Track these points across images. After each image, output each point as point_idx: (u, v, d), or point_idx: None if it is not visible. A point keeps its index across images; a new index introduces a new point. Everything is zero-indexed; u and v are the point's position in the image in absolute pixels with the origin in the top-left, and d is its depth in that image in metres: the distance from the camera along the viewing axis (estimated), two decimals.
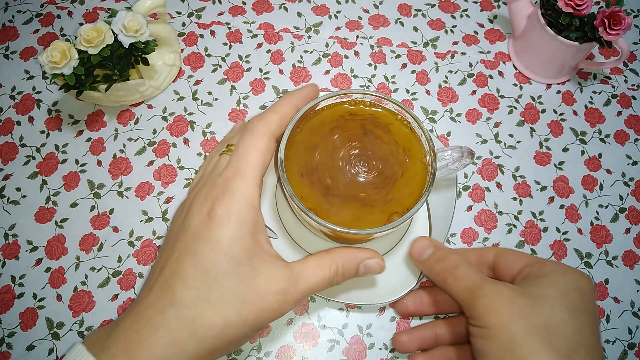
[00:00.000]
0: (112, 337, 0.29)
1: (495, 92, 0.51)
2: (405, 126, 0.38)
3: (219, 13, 0.54)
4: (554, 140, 0.49)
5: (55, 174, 0.46)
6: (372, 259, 0.35)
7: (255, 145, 0.33)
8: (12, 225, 0.44)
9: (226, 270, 0.30)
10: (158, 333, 0.29)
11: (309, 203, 0.35)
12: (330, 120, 0.38)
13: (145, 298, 0.31)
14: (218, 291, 0.30)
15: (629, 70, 0.54)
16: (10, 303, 0.41)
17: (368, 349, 0.41)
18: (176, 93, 0.50)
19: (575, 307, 0.31)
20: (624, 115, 0.51)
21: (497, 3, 0.56)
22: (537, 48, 0.49)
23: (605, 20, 0.44)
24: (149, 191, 0.45)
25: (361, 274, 0.35)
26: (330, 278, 0.33)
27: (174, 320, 0.29)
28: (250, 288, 0.30)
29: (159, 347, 0.28)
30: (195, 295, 0.30)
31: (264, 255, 0.32)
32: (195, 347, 0.29)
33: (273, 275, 0.31)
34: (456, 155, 0.38)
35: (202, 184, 0.34)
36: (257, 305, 0.30)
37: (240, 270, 0.30)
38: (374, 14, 0.55)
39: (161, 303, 0.30)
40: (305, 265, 0.33)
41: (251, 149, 0.33)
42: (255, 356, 0.40)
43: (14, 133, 0.47)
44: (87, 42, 0.39)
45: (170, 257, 0.31)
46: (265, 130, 0.34)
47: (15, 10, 0.53)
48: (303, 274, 0.33)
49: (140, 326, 0.29)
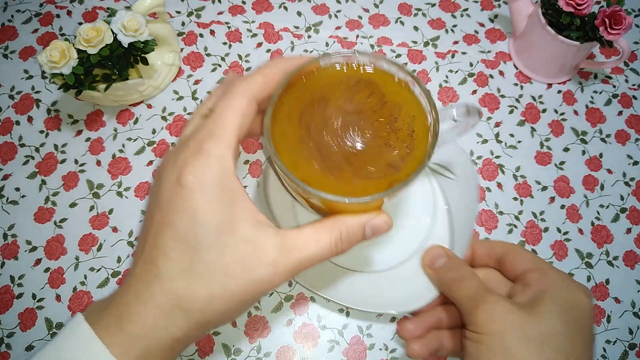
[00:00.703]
0: (106, 310, 0.29)
1: (495, 91, 0.51)
2: (404, 88, 0.35)
3: (219, 12, 0.54)
4: (555, 140, 0.49)
5: (54, 174, 0.46)
6: (378, 217, 0.32)
7: (233, 107, 0.31)
8: (11, 225, 0.44)
9: (207, 241, 0.28)
10: (146, 306, 0.28)
11: (301, 174, 0.32)
12: (322, 84, 0.35)
13: (133, 271, 0.30)
14: (201, 263, 0.28)
15: (630, 70, 0.53)
16: (9, 303, 0.41)
17: (368, 350, 0.41)
18: (176, 92, 0.49)
19: (572, 323, 0.31)
20: (624, 115, 0.51)
21: (497, 2, 0.56)
22: (537, 47, 0.49)
23: (606, 19, 0.44)
24: (148, 191, 0.45)
25: (368, 237, 0.33)
26: (331, 245, 0.31)
27: (160, 293, 0.28)
28: (234, 259, 0.28)
29: (148, 320, 0.28)
30: (178, 267, 0.28)
31: (250, 222, 0.29)
32: (184, 320, 0.28)
33: (262, 243, 0.29)
34: (461, 113, 0.35)
35: (176, 147, 0.32)
36: (244, 277, 0.28)
37: (222, 239, 0.28)
38: (374, 13, 0.54)
39: (147, 276, 0.29)
40: (300, 232, 0.30)
41: (229, 110, 0.31)
42: (255, 356, 0.40)
43: (13, 133, 0.47)
44: (86, 42, 0.39)
45: (150, 230, 0.30)
46: (247, 92, 0.31)
47: (14, 10, 0.53)
48: (298, 241, 0.30)
49: (130, 300, 0.28)
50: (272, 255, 0.29)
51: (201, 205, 0.28)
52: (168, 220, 0.29)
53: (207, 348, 0.40)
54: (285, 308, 0.42)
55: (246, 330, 0.41)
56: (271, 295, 0.42)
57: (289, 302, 0.42)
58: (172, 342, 0.29)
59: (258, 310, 0.41)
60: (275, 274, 0.29)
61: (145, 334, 0.28)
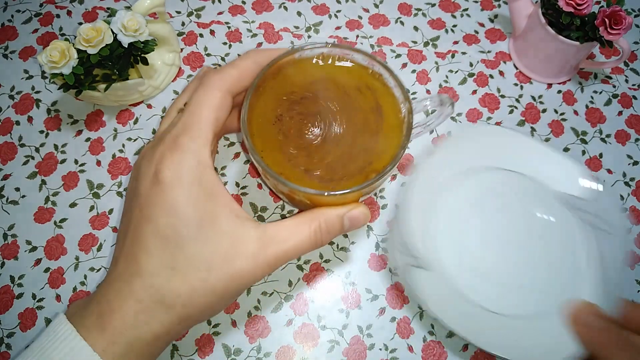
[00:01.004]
0: (87, 309, 0.29)
1: (495, 91, 0.51)
2: (377, 79, 0.35)
3: (219, 12, 0.54)
4: (555, 140, 0.49)
5: (54, 174, 0.46)
6: (356, 209, 0.32)
7: (208, 101, 0.31)
8: (11, 225, 0.44)
9: (186, 235, 0.28)
10: (127, 303, 0.28)
11: (278, 168, 0.32)
12: (297, 77, 0.35)
13: (113, 269, 0.30)
14: (181, 257, 0.28)
15: (630, 70, 0.53)
16: (9, 303, 0.41)
17: (368, 350, 0.41)
18: (176, 93, 0.49)
19: None
20: (624, 115, 0.51)
21: (497, 2, 0.56)
22: (537, 48, 0.49)
23: (606, 19, 0.44)
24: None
25: (347, 229, 0.33)
26: (311, 237, 0.31)
27: (141, 289, 0.28)
28: (215, 252, 0.28)
29: (129, 316, 0.28)
30: (158, 263, 0.28)
31: (229, 215, 0.29)
32: (166, 315, 0.28)
33: (242, 236, 0.29)
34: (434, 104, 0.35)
35: (152, 143, 0.32)
36: (224, 271, 0.28)
37: (202, 233, 0.28)
38: (374, 13, 0.54)
39: (128, 272, 0.29)
40: (280, 224, 0.31)
41: (203, 104, 0.31)
42: (255, 356, 0.40)
43: (13, 133, 0.47)
44: (86, 42, 0.39)
45: (129, 225, 0.30)
46: (221, 85, 0.31)
47: (14, 10, 0.53)
48: (278, 234, 0.30)
49: (111, 297, 0.29)
50: (252, 247, 0.29)
51: (179, 200, 0.28)
52: (147, 215, 0.29)
53: (207, 348, 0.40)
54: (285, 308, 0.42)
55: (246, 330, 0.41)
56: (271, 295, 0.42)
57: (288, 302, 0.42)
58: (154, 338, 0.29)
59: (258, 310, 0.41)
60: (256, 267, 0.29)
61: (127, 330, 0.28)
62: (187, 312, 0.29)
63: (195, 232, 0.28)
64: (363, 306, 0.42)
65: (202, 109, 0.31)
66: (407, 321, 0.42)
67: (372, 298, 0.42)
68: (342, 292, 0.42)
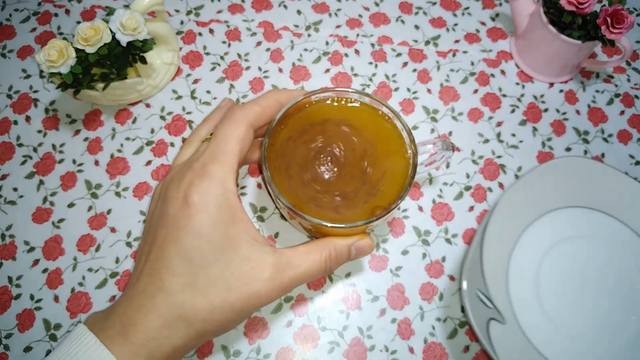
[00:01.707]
0: (108, 321, 0.31)
1: (497, 91, 0.51)
2: (387, 121, 0.38)
3: (218, 11, 0.53)
4: (557, 139, 0.49)
5: (52, 174, 0.45)
6: (362, 240, 0.36)
7: (234, 133, 0.34)
8: (9, 225, 0.44)
9: (210, 257, 0.31)
10: (149, 317, 0.30)
11: (292, 199, 0.35)
12: (313, 117, 0.38)
13: (135, 284, 0.32)
14: (204, 278, 0.30)
15: (632, 69, 0.53)
16: (7, 304, 0.41)
17: (368, 351, 0.40)
18: (174, 92, 0.49)
19: None
20: (627, 115, 0.51)
21: (498, 1, 0.56)
22: (539, 47, 0.48)
23: (608, 18, 0.43)
24: (147, 191, 0.45)
25: (353, 257, 0.36)
26: (321, 264, 0.34)
27: (163, 306, 0.30)
28: (235, 274, 0.31)
29: (152, 330, 0.30)
30: (182, 282, 0.30)
31: (250, 241, 0.32)
32: (185, 330, 0.30)
33: (260, 261, 0.32)
34: (437, 148, 0.38)
35: (179, 168, 0.34)
36: (243, 291, 0.31)
37: (224, 256, 0.31)
38: (374, 12, 0.54)
39: (151, 289, 0.31)
40: (294, 251, 0.33)
41: (230, 136, 0.34)
42: (254, 358, 0.40)
43: (11, 132, 0.47)
44: (84, 41, 0.39)
45: (154, 244, 0.32)
46: (245, 119, 0.34)
47: (12, 9, 0.52)
48: (292, 260, 0.33)
49: (133, 311, 0.30)
50: (268, 272, 0.31)
51: (205, 223, 0.31)
52: (174, 236, 0.31)
53: (206, 349, 0.40)
54: (285, 309, 0.41)
55: (246, 331, 0.40)
56: None
57: (288, 303, 0.42)
58: (173, 350, 0.31)
59: (258, 312, 0.41)
60: (272, 289, 0.32)
61: (149, 342, 0.30)
62: (206, 328, 0.31)
63: (218, 254, 0.31)
64: (363, 307, 0.42)
65: (229, 140, 0.33)
66: (407, 322, 0.41)
67: (372, 299, 0.42)
68: (342, 293, 0.42)
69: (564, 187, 0.42)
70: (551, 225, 0.42)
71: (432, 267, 0.43)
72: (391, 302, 0.42)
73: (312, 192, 0.36)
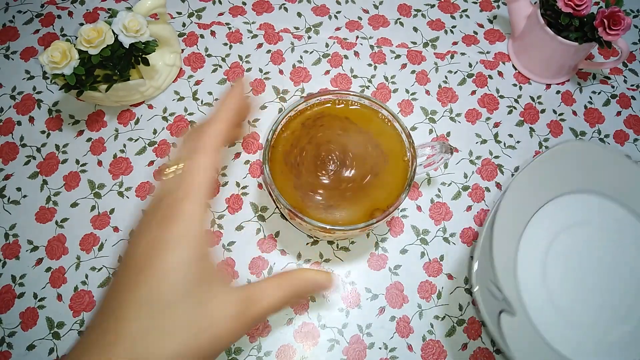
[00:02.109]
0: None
1: (494, 92, 0.51)
2: (386, 124, 0.39)
3: (219, 13, 0.54)
4: (554, 140, 0.49)
5: (55, 174, 0.46)
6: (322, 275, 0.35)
7: (202, 166, 0.32)
8: (12, 225, 0.44)
9: (176, 299, 0.29)
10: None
11: (292, 201, 0.36)
12: (312, 121, 0.39)
13: (95, 329, 0.30)
14: (169, 320, 0.29)
15: (629, 71, 0.54)
16: (10, 303, 0.41)
17: (368, 349, 0.41)
18: (176, 93, 0.50)
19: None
20: (623, 116, 0.51)
21: (496, 3, 0.56)
22: (536, 48, 0.49)
23: (605, 20, 0.44)
24: (149, 191, 0.46)
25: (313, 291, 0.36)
26: (284, 298, 0.33)
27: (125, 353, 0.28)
28: (202, 315, 0.30)
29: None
30: (145, 326, 0.29)
31: (215, 280, 0.31)
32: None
33: (226, 299, 0.31)
34: (436, 151, 0.39)
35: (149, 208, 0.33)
36: (210, 332, 0.30)
37: (190, 297, 0.30)
38: (373, 14, 0.55)
39: (111, 336, 0.29)
40: (258, 287, 0.33)
41: (198, 171, 0.32)
42: (255, 355, 0.40)
43: (15, 133, 0.47)
44: (87, 42, 0.39)
45: (119, 286, 0.31)
46: (213, 145, 0.33)
47: (15, 11, 0.53)
48: (257, 295, 0.32)
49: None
50: (235, 309, 0.31)
51: (174, 264, 0.30)
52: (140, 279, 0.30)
53: None
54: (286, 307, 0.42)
55: None
56: None
57: None
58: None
59: None
60: (239, 327, 0.31)
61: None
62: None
63: (185, 296, 0.30)
64: (363, 305, 0.42)
65: (198, 174, 0.32)
66: (406, 320, 0.42)
67: (371, 297, 0.42)
68: (342, 291, 0.43)
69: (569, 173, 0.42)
70: (558, 212, 0.42)
71: (431, 265, 0.44)
72: (390, 301, 0.42)
73: (312, 194, 0.37)
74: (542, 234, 0.41)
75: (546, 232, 0.41)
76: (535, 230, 0.41)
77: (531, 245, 0.41)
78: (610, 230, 0.42)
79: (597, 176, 0.42)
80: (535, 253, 0.41)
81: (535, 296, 0.39)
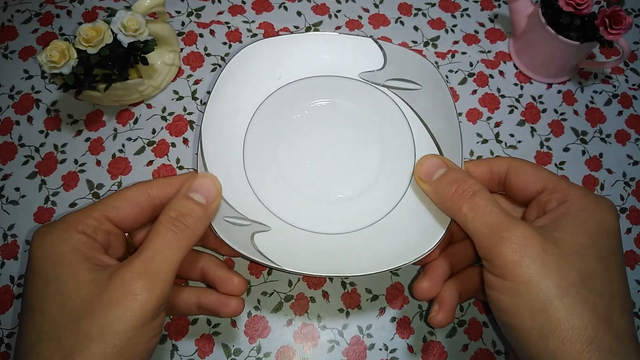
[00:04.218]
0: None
1: (495, 91, 0.51)
2: None
3: (219, 12, 0.54)
4: (555, 140, 0.49)
5: (54, 174, 0.46)
6: (196, 179, 0.33)
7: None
8: (11, 225, 0.44)
9: (77, 313, 0.27)
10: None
11: None
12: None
13: None
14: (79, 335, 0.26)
15: (630, 70, 0.53)
16: (8, 304, 0.41)
17: (368, 350, 0.41)
18: (175, 92, 0.49)
19: (605, 254, 0.28)
20: (624, 115, 0.51)
21: (497, 2, 0.56)
22: (537, 47, 0.49)
23: (606, 19, 0.44)
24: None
25: (203, 202, 0.32)
26: (179, 239, 0.30)
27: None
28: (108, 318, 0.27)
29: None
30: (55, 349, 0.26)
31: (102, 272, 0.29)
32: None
33: (124, 290, 0.27)
34: None
35: None
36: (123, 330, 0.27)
37: (93, 304, 0.27)
38: (374, 13, 0.54)
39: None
40: (151, 260, 0.29)
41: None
42: (254, 356, 0.40)
43: (13, 133, 0.47)
44: (86, 42, 0.39)
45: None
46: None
47: (14, 10, 0.53)
48: (152, 266, 0.29)
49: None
50: (139, 298, 0.27)
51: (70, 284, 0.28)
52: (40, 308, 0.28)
53: (206, 348, 0.40)
54: (285, 308, 0.42)
55: (246, 330, 0.41)
56: (271, 295, 0.42)
57: (288, 302, 0.42)
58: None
59: (258, 310, 0.41)
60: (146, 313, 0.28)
61: None
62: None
63: (88, 305, 0.28)
64: (363, 306, 0.42)
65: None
66: (407, 321, 0.42)
67: (372, 298, 0.42)
68: (342, 292, 0.42)
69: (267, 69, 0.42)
70: (265, 109, 0.41)
71: None
72: (390, 301, 0.42)
73: None
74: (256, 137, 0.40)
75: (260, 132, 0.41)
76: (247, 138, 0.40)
77: (248, 152, 0.40)
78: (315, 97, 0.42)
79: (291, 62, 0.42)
80: (255, 156, 0.40)
81: (278, 200, 0.38)
